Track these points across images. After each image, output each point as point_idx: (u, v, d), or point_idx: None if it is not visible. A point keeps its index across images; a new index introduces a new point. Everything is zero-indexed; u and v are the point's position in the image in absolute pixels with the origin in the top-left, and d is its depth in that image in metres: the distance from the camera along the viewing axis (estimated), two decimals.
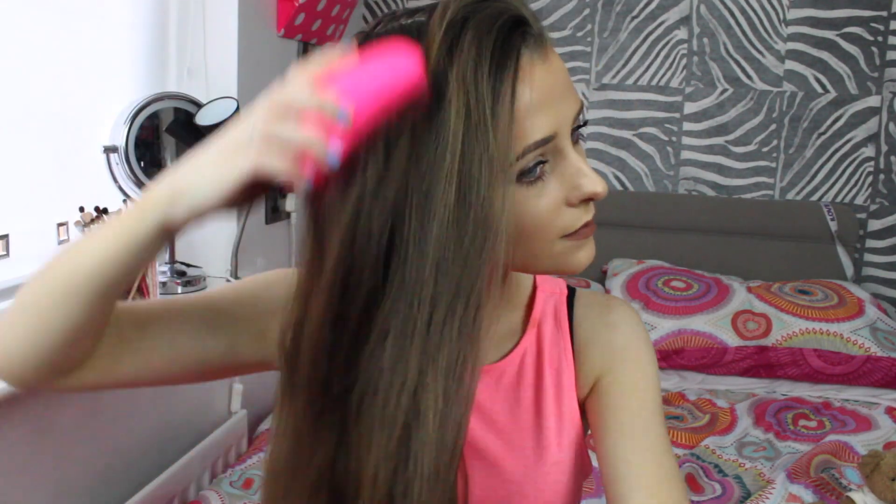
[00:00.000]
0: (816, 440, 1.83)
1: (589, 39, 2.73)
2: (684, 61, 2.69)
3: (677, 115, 2.72)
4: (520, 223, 0.62)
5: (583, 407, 0.77)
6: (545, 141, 0.60)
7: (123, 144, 1.66)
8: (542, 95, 0.60)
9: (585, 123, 0.67)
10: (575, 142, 0.64)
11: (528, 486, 0.74)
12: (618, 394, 0.74)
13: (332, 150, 0.54)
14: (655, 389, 0.75)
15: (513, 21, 0.60)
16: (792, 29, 2.61)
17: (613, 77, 2.74)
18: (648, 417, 0.72)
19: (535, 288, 0.79)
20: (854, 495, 1.50)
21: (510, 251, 0.62)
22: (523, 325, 0.78)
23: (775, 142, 2.67)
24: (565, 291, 0.80)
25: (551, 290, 0.80)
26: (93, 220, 1.54)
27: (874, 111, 2.60)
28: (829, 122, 2.63)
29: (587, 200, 0.64)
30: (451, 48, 0.58)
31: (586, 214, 0.64)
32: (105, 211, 1.56)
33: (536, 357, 0.77)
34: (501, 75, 0.58)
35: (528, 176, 0.61)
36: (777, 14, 2.61)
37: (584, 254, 0.67)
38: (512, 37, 0.59)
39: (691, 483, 1.65)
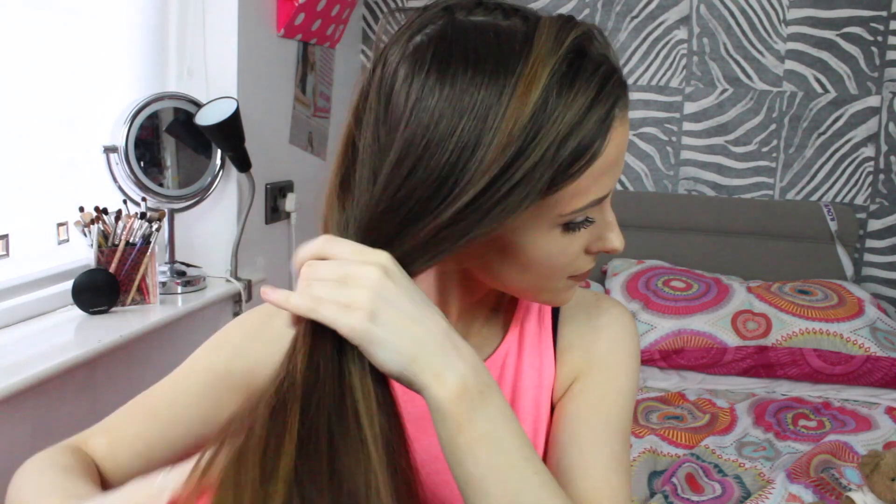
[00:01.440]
0: (816, 440, 1.83)
1: None
2: (684, 61, 2.69)
3: (677, 115, 2.72)
4: (544, 262, 0.63)
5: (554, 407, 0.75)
6: (602, 199, 0.61)
7: (123, 144, 1.66)
8: (615, 156, 0.59)
9: None
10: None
11: None
12: (583, 404, 0.72)
13: None
14: (625, 405, 0.72)
15: (617, 78, 0.59)
16: (792, 29, 2.61)
17: None
18: (608, 434, 0.70)
19: None
20: (854, 495, 1.50)
21: (508, 272, 0.64)
22: (505, 327, 0.76)
23: (775, 142, 2.67)
24: None
25: None
26: (93, 221, 1.54)
27: (874, 111, 2.60)
28: (829, 122, 2.63)
29: (601, 252, 0.66)
30: (568, 78, 0.55)
31: (592, 263, 0.67)
32: (105, 211, 1.56)
33: (517, 357, 0.75)
34: (602, 128, 0.56)
35: (573, 228, 0.61)
36: (777, 14, 2.61)
37: (570, 295, 0.69)
38: (614, 91, 0.57)
39: (691, 483, 1.65)
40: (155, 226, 1.60)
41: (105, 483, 0.71)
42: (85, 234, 1.54)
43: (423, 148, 0.54)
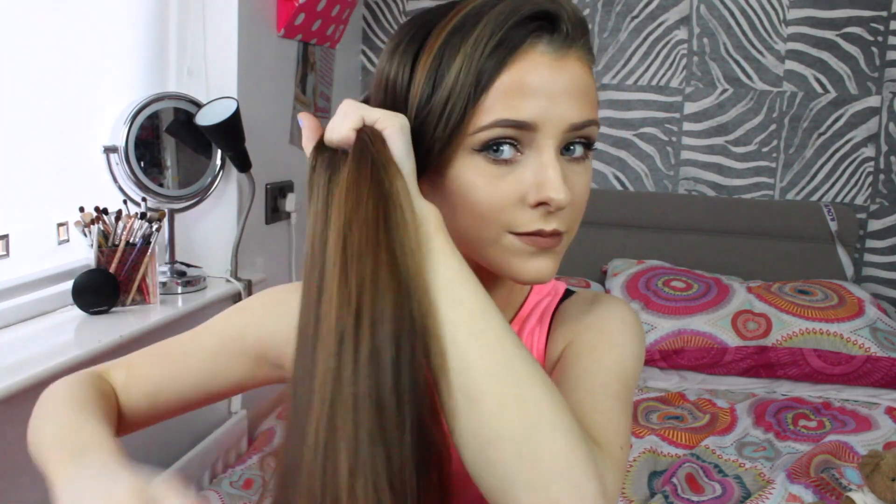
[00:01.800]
0: (816, 440, 1.83)
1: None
2: (684, 61, 2.69)
3: (677, 115, 2.72)
4: (468, 197, 0.64)
5: None
6: (517, 123, 0.62)
7: (123, 144, 1.66)
8: (536, 84, 0.62)
9: (591, 146, 0.66)
10: (565, 152, 0.64)
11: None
12: (573, 357, 0.69)
13: None
14: (621, 362, 0.68)
15: (540, 13, 0.62)
16: (792, 29, 2.61)
17: (613, 77, 2.74)
18: (603, 380, 0.66)
19: (530, 290, 0.78)
20: (854, 495, 1.50)
21: (452, 218, 0.64)
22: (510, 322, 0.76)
23: (775, 142, 2.67)
24: (560, 293, 0.78)
25: (547, 292, 0.78)
26: (93, 221, 1.54)
27: (874, 111, 2.60)
28: (829, 122, 2.63)
29: (542, 205, 0.63)
30: (463, 24, 0.63)
31: (542, 222, 0.63)
32: (105, 211, 1.56)
33: None
34: (501, 48, 0.61)
35: (491, 151, 0.63)
36: (777, 14, 2.61)
37: (532, 266, 0.65)
38: (530, 24, 0.62)
39: (691, 483, 1.65)
40: (155, 226, 1.60)
41: (120, 415, 0.75)
42: (85, 235, 1.54)
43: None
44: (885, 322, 2.26)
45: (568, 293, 0.79)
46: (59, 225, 1.58)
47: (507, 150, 0.62)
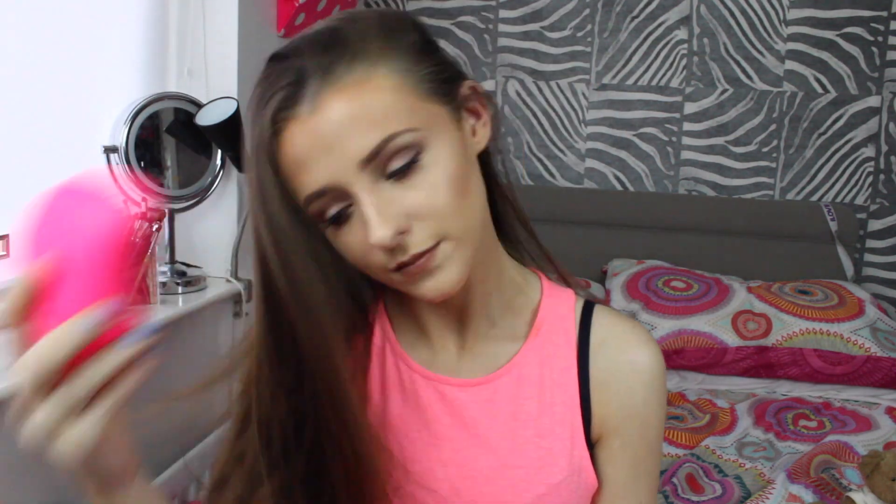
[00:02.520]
0: (816, 440, 1.83)
1: (589, 39, 2.73)
2: (684, 61, 2.69)
3: (677, 115, 2.72)
4: (345, 258, 0.67)
5: (588, 439, 0.75)
6: (318, 194, 0.63)
7: (123, 144, 1.66)
8: (302, 153, 0.62)
9: (416, 158, 0.63)
10: (391, 176, 0.62)
11: None
12: (619, 461, 0.75)
13: (137, 334, 0.53)
14: (654, 456, 0.76)
15: (286, 80, 0.63)
16: (792, 29, 2.61)
17: (613, 77, 2.74)
18: (637, 485, 0.75)
19: (542, 294, 0.78)
20: (854, 495, 1.50)
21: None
22: (525, 333, 0.76)
23: (775, 142, 2.67)
24: (573, 298, 0.78)
25: (558, 296, 0.78)
26: None
27: (874, 111, 2.60)
28: (829, 122, 2.63)
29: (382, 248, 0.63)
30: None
31: (400, 255, 0.63)
32: None
33: (540, 367, 0.75)
34: (262, 140, 0.63)
35: (336, 221, 0.64)
36: (777, 14, 2.61)
37: (427, 287, 0.65)
38: (274, 103, 0.63)
39: (691, 483, 1.65)
40: (155, 226, 1.60)
41: None
42: None
43: None
44: (885, 322, 2.26)
45: (588, 304, 0.78)
46: None
47: (343, 213, 0.64)
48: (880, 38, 2.57)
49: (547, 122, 2.78)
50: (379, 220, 0.61)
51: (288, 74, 0.62)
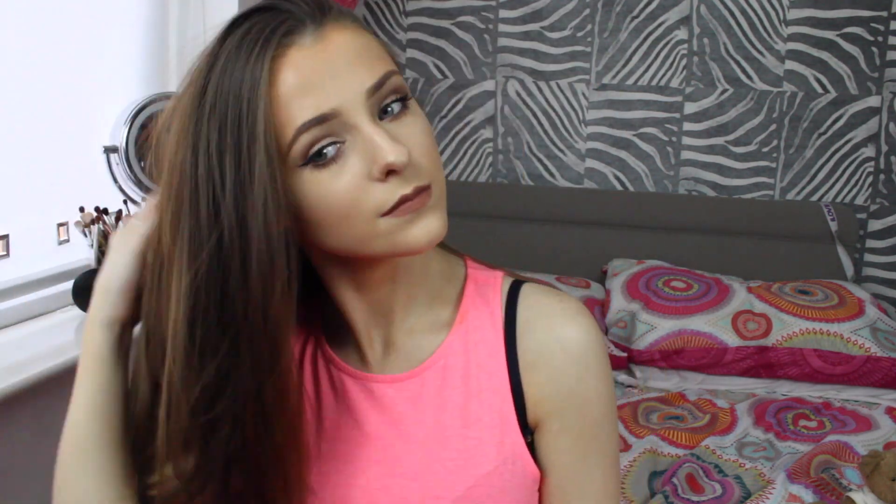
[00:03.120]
0: (816, 440, 1.83)
1: (589, 39, 2.73)
2: (684, 61, 2.69)
3: (677, 115, 2.72)
4: (323, 207, 0.62)
5: (523, 424, 0.72)
6: (318, 120, 0.60)
7: (123, 145, 1.66)
8: (308, 76, 0.60)
9: (406, 97, 0.64)
10: (384, 115, 0.63)
11: (456, 501, 0.70)
12: (563, 443, 0.71)
13: None
14: (604, 431, 0.72)
15: (281, 18, 0.62)
16: (792, 29, 2.61)
17: (613, 77, 2.74)
18: (595, 465, 0.72)
19: (466, 278, 0.75)
20: (854, 495, 1.50)
21: (324, 238, 0.64)
22: (450, 322, 0.74)
23: (775, 142, 2.67)
24: (499, 279, 0.75)
25: (483, 279, 0.75)
26: (93, 221, 1.54)
27: (874, 111, 2.60)
28: (829, 122, 2.63)
29: (390, 173, 0.61)
30: (216, 52, 0.62)
31: (402, 188, 0.61)
32: (105, 211, 1.56)
33: (465, 355, 0.72)
34: (257, 65, 0.60)
35: (319, 159, 0.61)
36: (777, 14, 2.61)
37: (418, 230, 0.63)
38: (275, 29, 0.61)
39: (691, 483, 1.65)
40: None
41: None
42: (85, 235, 1.54)
43: None
44: (885, 322, 2.25)
45: (515, 282, 0.75)
46: (60, 225, 1.58)
47: (330, 150, 0.61)
48: (880, 38, 2.57)
49: (547, 122, 2.78)
50: (392, 144, 0.60)
51: (281, 15, 0.62)
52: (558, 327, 0.71)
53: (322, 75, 0.61)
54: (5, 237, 1.43)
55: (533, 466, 0.72)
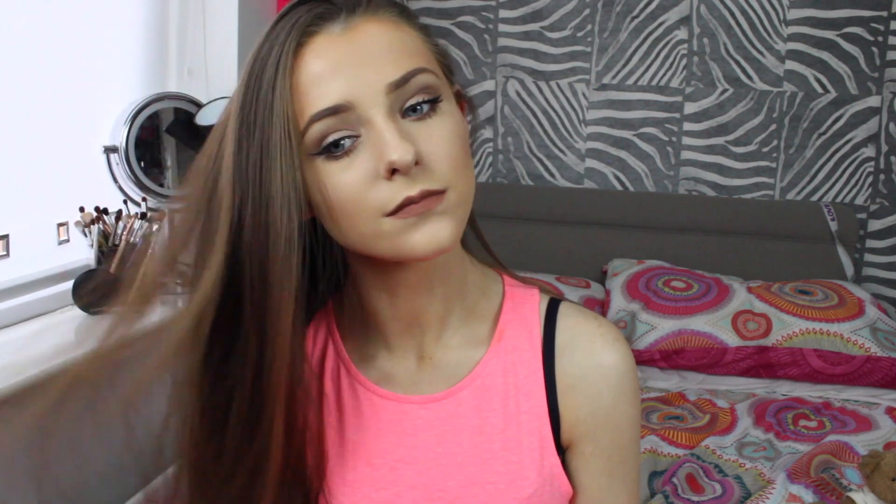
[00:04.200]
0: (817, 440, 1.83)
1: (589, 39, 2.73)
2: (684, 61, 2.69)
3: (677, 115, 2.72)
4: (332, 199, 0.61)
5: (557, 444, 0.72)
6: (332, 110, 0.59)
7: (123, 144, 1.66)
8: (329, 65, 0.60)
9: (437, 98, 0.63)
10: (411, 113, 0.61)
11: None
12: (593, 466, 0.72)
13: None
14: (631, 455, 0.73)
15: (319, 5, 0.62)
16: (792, 29, 2.61)
17: (613, 77, 2.74)
18: (619, 486, 0.73)
19: (504, 295, 0.74)
20: (854, 495, 1.50)
21: (334, 232, 0.64)
22: (487, 339, 0.72)
23: (775, 142, 2.67)
24: (537, 297, 0.74)
25: (521, 297, 0.74)
26: (93, 221, 1.53)
27: (874, 111, 2.60)
28: (829, 122, 2.63)
29: (395, 172, 0.59)
30: (261, 39, 0.63)
31: (408, 189, 0.59)
32: (105, 211, 1.56)
33: (503, 375, 0.71)
34: (283, 50, 0.60)
35: (335, 150, 0.60)
36: (777, 14, 2.61)
37: (422, 236, 0.61)
38: (307, 15, 0.61)
39: (691, 483, 1.65)
40: (155, 226, 1.60)
41: None
42: (85, 235, 1.54)
43: None
44: (885, 322, 2.25)
45: (553, 301, 0.75)
46: (60, 225, 1.58)
47: (346, 143, 0.60)
48: (880, 38, 2.57)
49: (547, 122, 2.78)
50: (400, 141, 0.59)
51: (321, 4, 0.62)
52: (598, 352, 0.71)
53: (343, 65, 0.60)
54: (5, 237, 1.43)
55: (567, 485, 0.72)
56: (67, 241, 1.60)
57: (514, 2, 2.75)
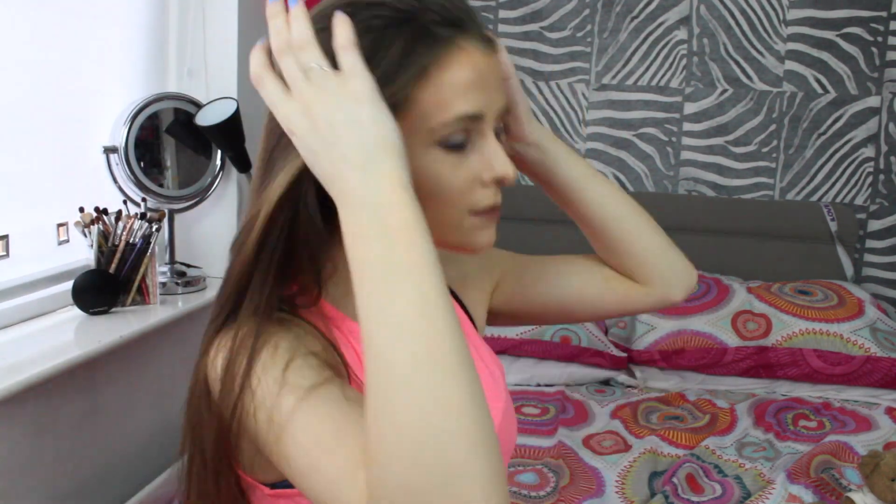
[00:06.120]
0: (816, 440, 1.83)
1: (589, 39, 2.73)
2: (684, 62, 2.69)
3: (677, 115, 2.72)
4: (435, 187, 0.67)
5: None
6: (475, 116, 0.67)
7: (123, 145, 1.66)
8: (479, 77, 0.66)
9: (505, 129, 0.78)
10: (497, 135, 0.71)
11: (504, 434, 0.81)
12: (519, 268, 0.99)
13: None
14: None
15: (459, 11, 0.67)
16: (792, 29, 2.61)
17: (613, 77, 2.74)
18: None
19: None
20: (854, 495, 1.50)
21: (426, 209, 0.65)
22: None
23: (775, 142, 2.67)
24: None
25: None
26: (93, 221, 1.54)
27: (874, 111, 2.60)
28: (828, 122, 2.63)
29: (497, 182, 0.69)
30: (405, 18, 0.65)
31: (496, 197, 0.70)
32: (105, 211, 1.56)
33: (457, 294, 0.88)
34: (438, 42, 0.65)
35: (451, 142, 0.67)
36: (777, 14, 2.61)
37: (487, 235, 0.72)
38: (457, 21, 0.67)
39: (691, 483, 1.65)
40: (155, 226, 1.60)
41: None
42: (85, 235, 1.54)
43: None
44: (884, 322, 2.26)
45: None
46: (59, 225, 1.58)
47: (462, 138, 0.67)
48: (880, 39, 2.57)
49: (547, 123, 2.78)
50: (507, 160, 0.69)
51: (464, 9, 0.68)
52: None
53: (487, 81, 0.68)
54: (5, 237, 1.43)
55: (495, 356, 0.94)
56: (67, 241, 1.60)
57: (514, 2, 2.75)
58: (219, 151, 1.85)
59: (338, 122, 0.58)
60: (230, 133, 1.76)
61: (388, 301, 0.54)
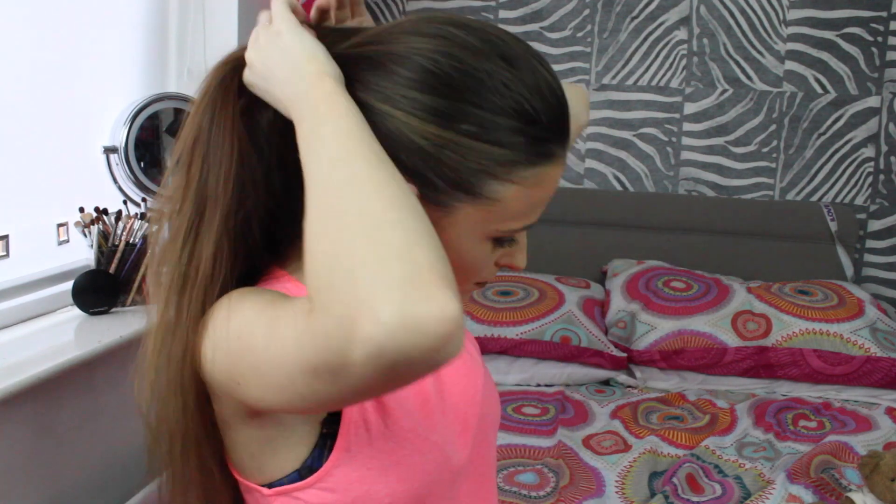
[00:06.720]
0: (816, 440, 1.83)
1: (589, 40, 2.73)
2: (684, 62, 2.69)
3: (677, 115, 2.72)
4: (466, 262, 0.71)
5: None
6: (530, 226, 0.73)
7: (123, 145, 1.66)
8: (546, 195, 0.71)
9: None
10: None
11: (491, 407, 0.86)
12: None
13: None
14: None
15: (567, 126, 0.69)
16: (792, 29, 2.61)
17: (613, 77, 2.74)
18: None
19: None
20: (854, 496, 1.50)
21: None
22: None
23: (775, 142, 2.67)
24: None
25: None
26: (93, 221, 1.53)
27: (874, 111, 2.60)
28: (828, 122, 2.63)
29: (505, 267, 0.76)
30: (529, 119, 0.66)
31: (494, 275, 0.77)
32: (105, 211, 1.56)
33: None
34: (545, 162, 0.67)
35: (503, 240, 0.72)
36: (777, 14, 2.61)
37: (465, 301, 0.75)
38: (564, 139, 0.69)
39: (691, 483, 1.65)
40: (155, 226, 1.60)
41: None
42: (85, 235, 1.54)
43: None
44: (885, 322, 2.26)
45: None
46: (59, 225, 1.58)
47: (512, 238, 0.73)
48: (880, 39, 2.57)
49: None
50: (525, 255, 0.77)
51: (563, 114, 0.69)
52: None
53: (550, 195, 0.71)
54: (5, 237, 1.43)
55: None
56: (67, 241, 1.59)
57: (513, 2, 2.75)
58: None
59: (272, 59, 0.68)
60: None
61: (321, 144, 0.61)
